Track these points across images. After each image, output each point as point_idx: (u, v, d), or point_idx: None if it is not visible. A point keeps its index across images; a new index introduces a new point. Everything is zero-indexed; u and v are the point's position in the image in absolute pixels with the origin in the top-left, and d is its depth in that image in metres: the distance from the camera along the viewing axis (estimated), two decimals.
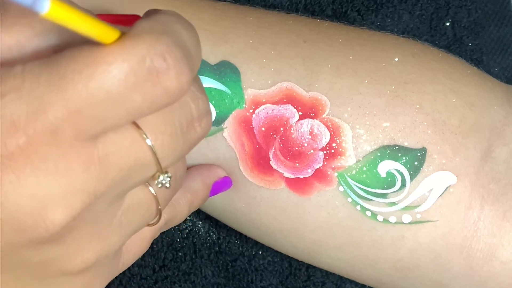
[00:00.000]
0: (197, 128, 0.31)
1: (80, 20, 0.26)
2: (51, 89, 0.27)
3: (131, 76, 0.27)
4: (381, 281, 0.44)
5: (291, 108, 0.40)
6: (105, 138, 0.28)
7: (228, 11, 0.42)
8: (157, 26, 0.28)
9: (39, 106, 0.27)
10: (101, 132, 0.28)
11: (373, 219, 0.40)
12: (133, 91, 0.27)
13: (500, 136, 0.41)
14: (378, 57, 0.41)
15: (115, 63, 0.26)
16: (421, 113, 0.40)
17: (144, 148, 0.29)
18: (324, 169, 0.40)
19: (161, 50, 0.27)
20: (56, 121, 0.27)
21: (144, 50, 0.27)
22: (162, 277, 0.50)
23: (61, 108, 0.26)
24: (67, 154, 0.27)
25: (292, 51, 0.41)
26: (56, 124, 0.27)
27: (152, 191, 0.32)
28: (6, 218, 0.28)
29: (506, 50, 0.53)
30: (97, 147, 0.28)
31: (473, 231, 0.40)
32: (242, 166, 0.41)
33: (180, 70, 0.28)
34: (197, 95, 0.31)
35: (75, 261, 0.31)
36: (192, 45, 0.29)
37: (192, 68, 0.28)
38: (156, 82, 0.27)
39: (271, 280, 0.51)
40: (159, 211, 0.33)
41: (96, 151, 0.28)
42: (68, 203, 0.28)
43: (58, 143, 0.27)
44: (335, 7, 0.50)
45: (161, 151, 0.30)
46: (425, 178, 0.40)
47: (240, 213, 0.42)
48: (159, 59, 0.27)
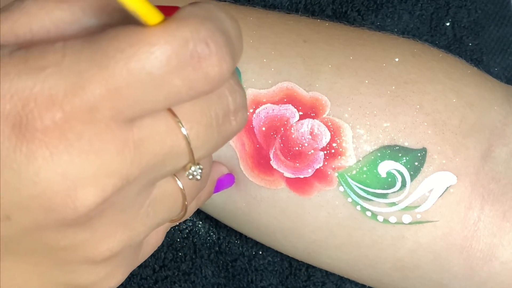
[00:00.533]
0: (232, 122, 0.30)
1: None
2: (91, 66, 0.26)
3: (173, 59, 0.26)
4: (381, 281, 0.44)
5: (291, 108, 0.40)
6: (141, 122, 0.28)
7: (228, 11, 0.42)
8: (202, 11, 0.27)
9: (78, 82, 0.26)
10: (138, 114, 0.27)
11: (373, 219, 0.40)
12: (174, 75, 0.27)
13: (500, 136, 0.41)
14: (378, 57, 0.41)
15: (158, 45, 0.26)
16: (421, 113, 0.40)
17: (179, 136, 0.29)
18: (325, 169, 0.40)
19: (204, 35, 0.27)
20: (94, 98, 0.26)
21: (188, 34, 0.27)
22: (162, 277, 0.50)
23: (100, 86, 0.26)
24: (102, 134, 0.27)
25: (293, 50, 0.41)
26: (94, 102, 0.26)
27: (180, 185, 0.32)
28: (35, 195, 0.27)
29: (506, 50, 0.53)
30: (132, 130, 0.28)
31: (473, 231, 0.40)
32: (242, 166, 0.41)
33: (222, 57, 0.27)
34: (234, 88, 0.30)
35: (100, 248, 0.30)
36: (234, 34, 0.29)
37: (234, 57, 0.28)
38: (197, 67, 0.27)
39: (271, 280, 0.51)
40: (184, 206, 0.33)
41: (132, 135, 0.28)
42: (99, 184, 0.27)
43: (95, 122, 0.27)
44: (335, 7, 0.50)
45: (196, 141, 0.29)
46: (425, 178, 0.40)
47: (241, 213, 0.42)
48: (202, 44, 0.27)
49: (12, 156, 0.27)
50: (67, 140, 0.27)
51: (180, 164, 0.30)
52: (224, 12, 0.29)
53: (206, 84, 0.27)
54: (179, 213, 0.33)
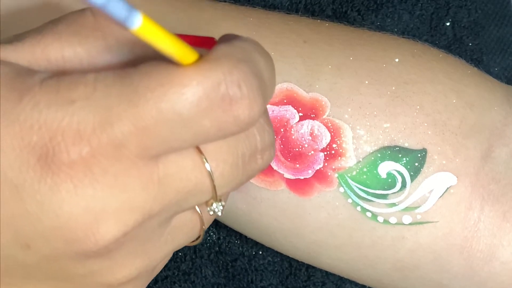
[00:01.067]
0: (258, 160, 0.30)
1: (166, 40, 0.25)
2: (121, 102, 0.26)
3: (204, 101, 0.26)
4: (381, 281, 0.44)
5: (291, 109, 0.40)
6: (167, 158, 0.28)
7: (228, 11, 0.42)
8: (236, 52, 0.27)
9: (107, 117, 0.26)
10: (165, 152, 0.27)
11: (373, 220, 0.40)
12: (204, 116, 0.27)
13: (500, 137, 0.41)
14: (378, 58, 0.41)
15: (190, 86, 0.26)
16: (421, 114, 0.40)
17: (204, 174, 0.29)
18: (325, 170, 0.40)
19: (237, 77, 0.27)
20: (122, 135, 0.26)
21: (221, 76, 0.27)
22: (162, 277, 0.50)
23: (128, 123, 0.26)
24: (128, 170, 0.27)
25: (293, 51, 0.41)
26: (122, 139, 0.26)
27: (199, 211, 0.32)
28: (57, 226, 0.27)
29: (506, 50, 0.53)
30: (158, 166, 0.28)
31: (473, 231, 0.40)
32: None
33: (254, 100, 0.27)
34: (264, 127, 0.30)
35: (118, 275, 0.31)
36: (268, 76, 0.29)
37: (265, 99, 0.28)
38: (227, 110, 0.27)
39: (271, 280, 0.51)
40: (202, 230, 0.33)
41: (157, 171, 0.28)
42: (121, 219, 0.28)
43: (121, 158, 0.27)
44: (335, 7, 0.50)
45: (220, 180, 0.29)
46: (425, 179, 0.40)
47: (241, 214, 0.42)
48: (234, 86, 0.27)
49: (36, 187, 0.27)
50: (93, 174, 0.27)
51: (202, 200, 0.30)
52: (259, 52, 0.29)
53: (235, 126, 0.28)
54: (196, 239, 0.34)
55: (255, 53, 0.28)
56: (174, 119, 0.26)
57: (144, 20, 0.24)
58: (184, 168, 0.28)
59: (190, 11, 0.41)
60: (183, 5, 0.42)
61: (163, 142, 0.27)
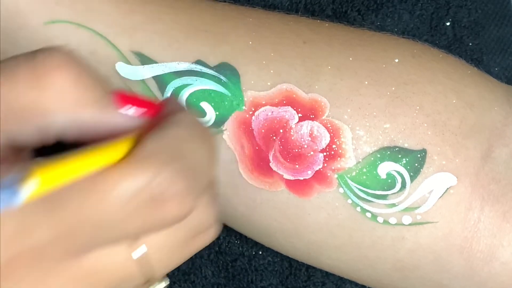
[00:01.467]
0: (201, 239, 0.30)
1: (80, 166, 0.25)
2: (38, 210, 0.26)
3: (132, 203, 0.26)
4: (381, 281, 0.44)
5: (290, 110, 0.40)
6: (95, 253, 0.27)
7: (228, 11, 0.42)
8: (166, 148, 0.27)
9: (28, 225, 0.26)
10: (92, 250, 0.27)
11: (373, 220, 0.40)
12: (132, 217, 0.26)
13: (500, 137, 0.41)
14: (378, 58, 0.41)
15: (116, 189, 0.26)
16: (421, 114, 0.40)
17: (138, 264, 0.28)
18: (324, 170, 0.40)
19: (165, 178, 0.26)
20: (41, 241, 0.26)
21: (149, 176, 0.26)
22: None
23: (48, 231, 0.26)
24: (53, 270, 0.26)
25: (292, 51, 0.41)
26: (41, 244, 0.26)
27: None
28: None
29: (506, 50, 0.53)
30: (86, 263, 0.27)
31: (473, 232, 0.40)
32: (242, 168, 0.41)
33: (183, 199, 0.27)
34: (205, 209, 0.30)
35: None
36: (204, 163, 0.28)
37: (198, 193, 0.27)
38: (158, 209, 0.27)
39: (271, 280, 0.51)
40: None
41: (86, 267, 0.27)
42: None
43: (44, 260, 0.26)
44: (335, 7, 0.50)
45: (158, 265, 0.29)
46: (425, 179, 0.40)
47: (241, 215, 0.42)
48: (163, 187, 0.26)
49: None
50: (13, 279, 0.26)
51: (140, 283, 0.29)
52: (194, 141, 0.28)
53: (166, 224, 0.27)
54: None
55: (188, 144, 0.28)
56: (101, 221, 0.26)
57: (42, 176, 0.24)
58: (115, 261, 0.28)
59: (190, 12, 0.41)
60: (184, 5, 0.41)
61: (89, 243, 0.26)
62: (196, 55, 0.40)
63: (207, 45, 0.40)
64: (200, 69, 0.40)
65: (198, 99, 0.40)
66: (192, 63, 0.40)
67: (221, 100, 0.40)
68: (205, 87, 0.40)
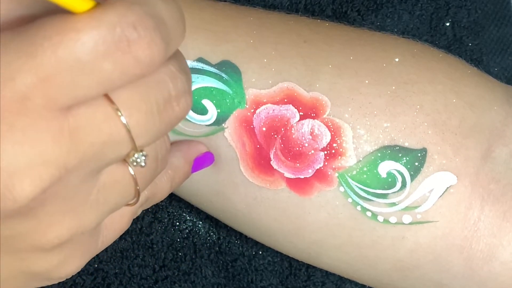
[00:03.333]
0: (175, 108, 0.30)
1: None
2: (19, 56, 0.26)
3: (100, 44, 0.26)
4: (381, 281, 0.44)
5: (292, 108, 0.40)
6: (77, 111, 0.28)
7: (229, 11, 0.42)
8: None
9: (7, 73, 0.26)
10: (72, 102, 0.27)
11: (373, 220, 0.40)
12: (103, 60, 0.27)
13: (500, 137, 0.41)
14: (378, 58, 0.41)
15: (84, 30, 0.26)
16: (421, 114, 0.40)
17: (118, 125, 0.29)
18: (325, 169, 0.40)
19: (132, 19, 0.27)
20: (25, 88, 0.26)
21: (115, 19, 0.27)
22: (162, 277, 0.50)
23: (29, 75, 0.26)
24: (35, 123, 0.27)
25: (293, 51, 0.41)
26: (25, 92, 0.26)
27: (131, 171, 0.32)
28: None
29: (506, 50, 0.53)
30: (67, 119, 0.27)
31: (473, 231, 0.40)
32: (243, 166, 0.41)
33: (151, 39, 0.27)
34: (175, 74, 0.30)
35: (47, 236, 0.30)
36: (170, 18, 0.28)
37: (167, 40, 0.28)
38: (126, 51, 0.27)
39: (271, 280, 0.51)
40: (137, 192, 0.33)
41: (67, 123, 0.27)
42: (36, 174, 0.27)
43: (27, 112, 0.27)
44: (335, 7, 0.50)
45: (136, 129, 0.29)
46: (425, 179, 0.40)
47: (241, 214, 0.42)
48: (130, 28, 0.27)
49: None
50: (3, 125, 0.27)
51: (122, 152, 0.30)
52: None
53: (138, 68, 0.27)
54: (132, 198, 0.33)
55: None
56: (74, 65, 0.26)
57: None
58: (96, 119, 0.28)
59: (190, 11, 0.41)
60: (184, 4, 0.41)
61: (68, 91, 0.27)
62: (197, 53, 0.40)
63: (208, 43, 0.40)
64: (202, 67, 0.40)
65: (200, 96, 0.40)
66: (193, 61, 0.40)
67: (222, 97, 0.40)
68: (206, 85, 0.40)
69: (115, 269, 0.50)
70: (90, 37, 0.26)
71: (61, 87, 0.27)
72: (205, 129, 0.41)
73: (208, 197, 0.43)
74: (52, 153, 0.27)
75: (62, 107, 0.27)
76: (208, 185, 0.42)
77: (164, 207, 0.50)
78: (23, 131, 0.27)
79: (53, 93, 0.27)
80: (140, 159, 0.31)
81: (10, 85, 0.26)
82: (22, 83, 0.26)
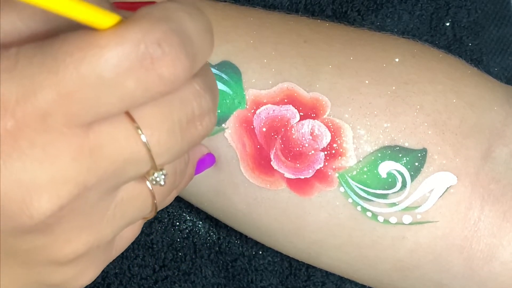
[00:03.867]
0: (198, 127, 0.30)
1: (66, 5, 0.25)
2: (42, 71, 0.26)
3: (123, 61, 0.26)
4: (381, 281, 0.44)
5: (292, 109, 0.40)
6: (98, 128, 0.27)
7: (229, 11, 0.42)
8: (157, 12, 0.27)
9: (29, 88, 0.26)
10: (93, 119, 0.27)
11: (373, 220, 0.40)
12: (126, 76, 0.26)
13: (500, 137, 0.41)
14: (378, 58, 0.41)
15: (108, 47, 0.26)
16: (421, 114, 0.40)
17: (139, 143, 0.28)
18: (325, 169, 0.40)
19: (157, 36, 0.26)
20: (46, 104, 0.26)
21: (139, 35, 0.26)
22: (162, 277, 0.50)
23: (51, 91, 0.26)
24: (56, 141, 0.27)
25: (293, 51, 0.41)
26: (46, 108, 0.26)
27: (149, 186, 0.32)
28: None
29: (506, 50, 0.53)
30: (88, 136, 0.27)
31: (473, 231, 0.40)
32: (243, 167, 0.41)
33: (176, 57, 0.27)
34: (200, 93, 0.30)
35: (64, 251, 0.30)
36: (197, 33, 0.28)
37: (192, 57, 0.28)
38: (150, 68, 0.27)
39: (271, 280, 0.51)
40: (155, 206, 0.33)
41: (88, 141, 0.27)
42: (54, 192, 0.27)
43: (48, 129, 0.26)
44: (335, 7, 0.50)
45: (157, 148, 0.29)
46: (425, 179, 0.40)
47: (241, 214, 0.42)
48: (154, 45, 0.26)
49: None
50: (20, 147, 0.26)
51: (142, 170, 0.30)
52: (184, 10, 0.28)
53: (161, 85, 0.27)
54: (149, 212, 0.33)
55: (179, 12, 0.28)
56: (96, 82, 0.26)
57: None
58: (117, 137, 0.28)
59: None
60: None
61: (89, 108, 0.26)
62: None
63: None
64: None
65: None
66: None
67: (222, 98, 0.40)
68: None
69: (115, 269, 0.50)
70: (113, 54, 0.26)
71: (83, 104, 0.26)
72: None
73: (208, 197, 0.43)
74: (71, 170, 0.27)
75: (83, 124, 0.27)
76: (208, 185, 0.42)
77: (164, 207, 0.50)
78: (43, 148, 0.27)
79: (74, 110, 0.26)
80: (160, 178, 0.30)
81: (31, 101, 0.26)
82: (43, 99, 0.26)
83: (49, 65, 0.26)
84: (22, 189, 0.27)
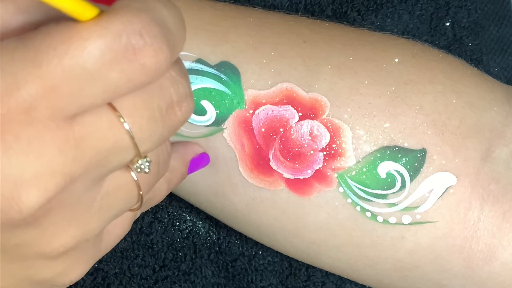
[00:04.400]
0: (177, 112, 0.30)
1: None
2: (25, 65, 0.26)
3: (106, 52, 0.26)
4: (381, 281, 0.44)
5: (291, 109, 0.40)
6: (81, 119, 0.28)
7: (228, 11, 0.42)
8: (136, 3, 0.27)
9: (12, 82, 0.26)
10: (77, 111, 0.27)
11: (373, 220, 0.40)
12: (109, 68, 0.27)
13: (500, 137, 0.41)
14: (378, 58, 0.41)
15: (91, 39, 0.26)
16: (421, 114, 0.40)
17: (122, 131, 0.29)
18: (324, 170, 0.40)
19: (138, 26, 0.27)
20: (30, 98, 0.26)
21: (120, 27, 0.26)
22: (162, 277, 0.50)
23: (35, 85, 0.26)
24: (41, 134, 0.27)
25: (293, 51, 0.41)
26: (30, 102, 0.26)
27: (134, 177, 0.32)
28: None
29: (506, 50, 0.53)
30: (73, 128, 0.27)
31: (473, 231, 0.40)
32: (242, 167, 0.41)
33: (158, 47, 0.27)
34: (176, 79, 0.30)
35: (53, 245, 0.30)
36: (173, 23, 0.28)
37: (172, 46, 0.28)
38: (132, 59, 0.27)
39: (271, 280, 0.51)
40: (140, 196, 0.33)
41: (72, 133, 0.27)
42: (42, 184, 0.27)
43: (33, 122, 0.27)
44: (335, 7, 0.50)
45: (139, 135, 0.29)
46: (425, 179, 0.40)
47: (240, 214, 0.42)
48: (136, 35, 0.27)
49: None
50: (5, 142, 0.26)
51: (126, 158, 0.30)
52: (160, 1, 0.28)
53: (144, 76, 0.27)
54: (135, 203, 0.33)
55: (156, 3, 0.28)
56: (80, 74, 0.26)
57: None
58: (100, 127, 0.28)
59: (190, 11, 0.41)
60: (183, 5, 0.42)
61: (73, 100, 0.27)
62: (196, 54, 0.40)
63: (207, 44, 0.40)
64: (201, 68, 0.40)
65: (199, 97, 0.40)
66: (192, 62, 0.40)
67: (221, 98, 0.40)
68: (205, 86, 0.40)
69: (115, 269, 0.50)
70: (96, 45, 0.26)
71: (67, 96, 0.26)
72: (204, 130, 0.41)
73: (208, 197, 0.43)
74: (57, 162, 0.27)
75: (67, 116, 0.27)
76: (207, 186, 0.42)
77: (164, 207, 0.50)
78: (28, 141, 0.27)
79: (58, 103, 0.27)
80: (144, 165, 0.31)
81: (15, 95, 0.26)
82: (27, 93, 0.26)
83: (31, 59, 0.26)
84: (10, 184, 0.27)
